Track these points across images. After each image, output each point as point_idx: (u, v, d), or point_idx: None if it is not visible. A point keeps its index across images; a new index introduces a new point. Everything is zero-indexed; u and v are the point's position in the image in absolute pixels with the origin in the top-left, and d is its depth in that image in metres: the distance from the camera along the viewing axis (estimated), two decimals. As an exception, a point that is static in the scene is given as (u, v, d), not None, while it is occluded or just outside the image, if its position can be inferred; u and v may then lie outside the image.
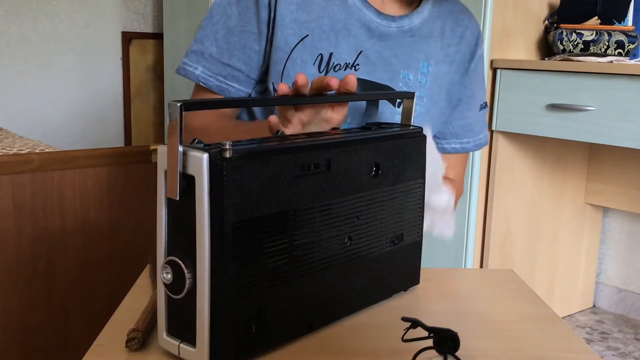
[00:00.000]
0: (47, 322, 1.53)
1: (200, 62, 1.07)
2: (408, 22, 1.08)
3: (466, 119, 1.19)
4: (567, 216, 2.59)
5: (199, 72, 1.06)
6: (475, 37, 1.15)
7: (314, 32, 1.02)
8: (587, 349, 0.74)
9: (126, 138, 3.78)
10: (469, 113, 1.19)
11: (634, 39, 2.16)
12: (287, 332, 0.72)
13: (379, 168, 0.79)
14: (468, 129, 1.20)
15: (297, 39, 1.02)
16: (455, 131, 1.19)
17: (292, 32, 1.02)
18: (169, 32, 3.51)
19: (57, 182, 1.51)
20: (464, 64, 1.14)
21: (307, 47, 1.02)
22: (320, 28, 1.03)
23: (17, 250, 1.47)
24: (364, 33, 1.05)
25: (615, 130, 1.93)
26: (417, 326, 0.59)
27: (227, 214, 0.62)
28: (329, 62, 1.03)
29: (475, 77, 1.17)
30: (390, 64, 1.07)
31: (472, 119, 1.20)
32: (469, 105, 1.18)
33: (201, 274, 0.63)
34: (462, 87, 1.15)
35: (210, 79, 1.06)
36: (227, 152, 0.62)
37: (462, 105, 1.17)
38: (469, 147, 1.22)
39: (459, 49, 1.13)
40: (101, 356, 0.69)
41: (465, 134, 1.21)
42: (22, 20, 3.38)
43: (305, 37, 1.02)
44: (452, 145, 1.21)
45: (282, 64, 1.02)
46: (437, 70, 1.11)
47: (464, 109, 1.18)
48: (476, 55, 1.15)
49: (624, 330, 2.58)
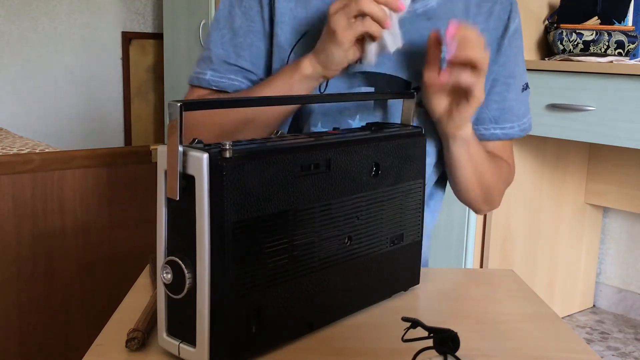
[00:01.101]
0: (47, 322, 1.53)
1: (209, 67, 1.04)
2: (422, 4, 1.00)
3: (506, 101, 1.08)
4: (567, 216, 2.59)
5: (208, 76, 1.04)
6: (507, 10, 1.05)
7: (315, 27, 0.99)
8: (587, 349, 0.74)
9: (126, 138, 3.78)
10: (509, 95, 1.08)
11: (634, 39, 2.16)
12: (287, 332, 0.72)
13: (378, 168, 0.79)
14: (509, 112, 1.09)
15: (297, 36, 1.00)
16: (493, 115, 1.08)
17: (291, 29, 1.00)
18: (169, 32, 3.51)
19: (57, 182, 1.51)
20: (496, 41, 1.04)
21: (308, 43, 0.99)
22: (321, 23, 0.98)
23: (17, 250, 1.48)
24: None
25: (615, 130, 1.93)
26: (417, 326, 0.59)
27: (227, 214, 0.62)
28: None
29: (512, 54, 1.06)
30: (401, 52, 0.98)
31: (513, 102, 1.08)
32: (507, 86, 1.07)
33: (201, 274, 0.63)
34: (497, 66, 1.05)
35: (222, 80, 1.04)
36: (227, 152, 0.62)
37: (499, 86, 1.07)
38: (513, 133, 1.10)
39: (488, 26, 1.04)
40: (101, 356, 0.69)
41: (506, 118, 1.09)
42: (22, 20, 3.38)
43: (305, 33, 1.00)
44: (492, 131, 1.09)
45: (283, 63, 1.01)
46: None
47: (502, 90, 1.07)
48: (509, 30, 1.05)
49: (624, 330, 2.58)
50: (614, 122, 1.93)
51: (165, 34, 3.54)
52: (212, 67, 1.05)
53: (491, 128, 1.08)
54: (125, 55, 3.70)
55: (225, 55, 1.04)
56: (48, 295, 1.52)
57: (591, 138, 2.00)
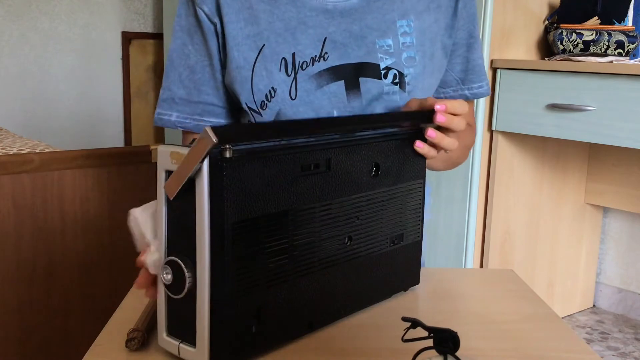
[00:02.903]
0: (47, 322, 1.53)
1: (173, 108, 1.07)
2: None
3: (469, 61, 1.10)
4: (567, 216, 2.59)
5: (174, 118, 1.07)
6: None
7: (270, 39, 1.00)
8: (587, 349, 0.74)
9: (126, 138, 3.78)
10: (472, 55, 1.10)
11: (634, 39, 2.16)
12: (287, 332, 0.72)
13: (378, 168, 0.79)
14: (475, 72, 1.11)
15: (255, 52, 1.00)
16: (459, 76, 1.11)
17: (248, 48, 1.00)
18: (169, 32, 3.51)
19: (57, 182, 1.51)
20: (451, 6, 1.06)
21: (267, 56, 1.00)
22: (274, 33, 1.00)
23: (17, 250, 1.48)
24: (323, 19, 1.00)
25: (615, 130, 1.93)
26: (417, 326, 0.59)
27: (227, 214, 0.62)
28: (294, 63, 1.00)
29: (468, 16, 1.08)
30: (363, 38, 1.01)
31: (477, 60, 1.11)
32: (468, 47, 1.10)
33: (201, 274, 0.63)
34: (454, 30, 1.07)
35: (187, 121, 1.06)
36: (227, 152, 0.62)
37: (460, 49, 1.09)
38: (482, 92, 1.13)
39: None
40: (101, 356, 0.69)
41: (471, 78, 1.11)
42: (22, 20, 3.38)
43: (262, 47, 1.00)
44: (460, 92, 1.11)
45: (248, 82, 1.01)
46: (422, 23, 1.04)
47: (464, 52, 1.10)
48: None
49: (624, 330, 2.58)
50: (614, 122, 1.93)
51: (165, 34, 3.54)
52: (177, 109, 1.07)
53: (459, 89, 1.11)
54: (125, 55, 3.70)
55: (187, 94, 1.06)
56: (48, 295, 1.52)
57: (591, 138, 2.00)
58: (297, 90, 1.00)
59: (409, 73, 1.02)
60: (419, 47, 1.03)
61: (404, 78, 1.02)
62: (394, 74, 1.01)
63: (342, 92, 1.02)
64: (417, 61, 1.03)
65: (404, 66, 1.01)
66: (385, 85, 1.02)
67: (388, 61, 1.01)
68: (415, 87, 1.03)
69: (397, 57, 1.01)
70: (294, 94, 1.00)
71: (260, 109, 1.02)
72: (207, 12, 1.02)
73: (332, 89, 1.01)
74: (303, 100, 1.00)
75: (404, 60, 1.02)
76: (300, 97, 1.00)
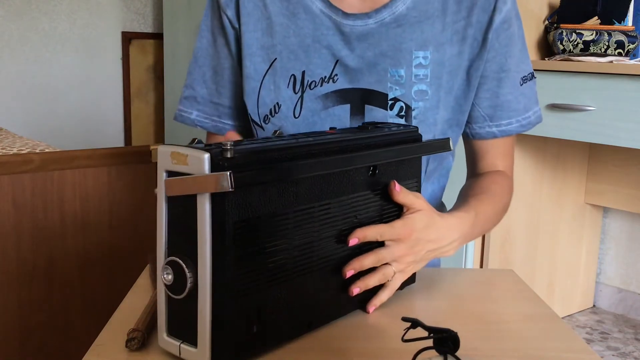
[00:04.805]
0: (47, 322, 1.53)
1: (194, 106, 1.08)
2: (389, 12, 0.97)
3: (499, 97, 1.02)
4: (567, 216, 2.59)
5: (194, 116, 1.08)
6: (491, 1, 0.98)
7: (282, 54, 0.99)
8: (587, 349, 0.74)
9: (126, 138, 3.78)
10: (502, 90, 1.02)
11: (634, 39, 2.16)
12: (287, 332, 0.72)
13: (376, 167, 0.79)
14: (505, 108, 1.03)
15: (266, 64, 1.00)
16: (486, 112, 1.03)
17: (260, 60, 1.00)
18: (169, 32, 3.51)
19: (57, 182, 1.51)
20: (481, 35, 0.99)
21: (278, 70, 0.99)
22: (287, 48, 0.99)
23: (17, 250, 1.48)
24: (338, 40, 0.98)
25: (615, 130, 1.93)
26: (417, 326, 0.59)
27: (228, 214, 0.62)
28: (303, 81, 0.99)
29: (501, 47, 1.00)
30: (375, 65, 0.97)
31: (508, 96, 1.03)
32: (499, 81, 1.02)
33: (202, 274, 0.63)
34: (482, 62, 0.99)
35: (206, 121, 1.08)
36: (228, 152, 0.62)
37: (488, 83, 1.02)
38: (512, 129, 1.04)
39: (470, 22, 0.98)
40: (101, 356, 0.69)
41: (500, 115, 1.03)
42: (22, 20, 3.38)
43: (274, 60, 1.00)
44: (487, 129, 1.04)
45: (255, 93, 1.01)
46: (441, 55, 0.98)
47: (493, 87, 1.02)
48: (495, 23, 0.98)
49: (624, 330, 2.58)
50: (614, 122, 1.93)
51: (165, 34, 3.54)
52: (197, 108, 1.08)
53: (486, 126, 1.04)
54: (125, 55, 3.70)
55: (209, 94, 1.07)
56: (48, 295, 1.52)
57: (591, 138, 2.00)
58: (301, 109, 0.99)
59: (418, 107, 0.98)
60: (434, 81, 0.98)
61: (410, 111, 0.98)
62: (400, 106, 0.98)
63: (347, 116, 1.00)
64: (429, 95, 0.98)
65: (412, 99, 0.98)
66: (390, 117, 0.98)
67: (397, 92, 0.98)
68: (423, 121, 0.98)
69: (408, 88, 0.98)
70: (297, 113, 1.00)
71: (262, 122, 1.02)
72: (230, 17, 1.02)
73: (336, 111, 1.00)
74: (306, 120, 1.00)
75: (414, 94, 0.98)
76: (303, 117, 1.00)
